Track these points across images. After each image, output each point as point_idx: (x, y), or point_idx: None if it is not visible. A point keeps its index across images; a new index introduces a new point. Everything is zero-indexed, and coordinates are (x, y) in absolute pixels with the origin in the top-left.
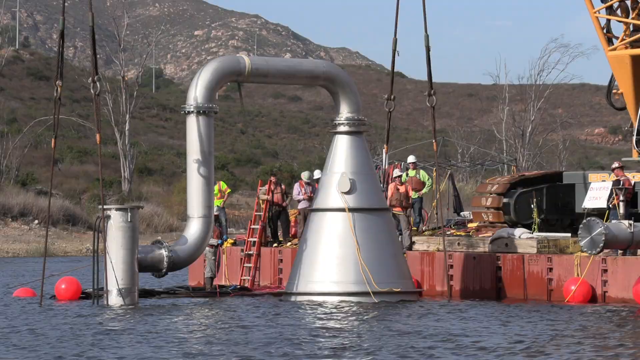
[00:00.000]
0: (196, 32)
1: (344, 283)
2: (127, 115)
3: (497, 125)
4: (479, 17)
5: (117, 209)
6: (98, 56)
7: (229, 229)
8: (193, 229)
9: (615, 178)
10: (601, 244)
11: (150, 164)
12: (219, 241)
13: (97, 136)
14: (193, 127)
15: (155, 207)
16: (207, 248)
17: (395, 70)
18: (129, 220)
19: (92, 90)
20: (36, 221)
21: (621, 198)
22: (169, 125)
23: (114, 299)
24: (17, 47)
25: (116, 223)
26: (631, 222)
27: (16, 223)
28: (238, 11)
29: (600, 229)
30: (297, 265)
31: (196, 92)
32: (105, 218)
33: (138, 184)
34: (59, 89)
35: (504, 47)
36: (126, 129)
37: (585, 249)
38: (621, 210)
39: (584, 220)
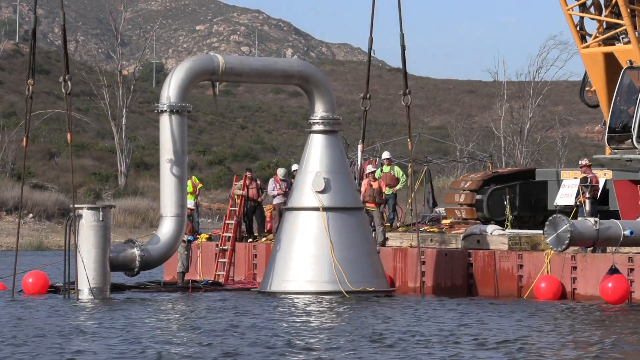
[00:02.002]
0: (198, 27)
1: (318, 282)
2: (124, 110)
3: (495, 122)
4: (484, 13)
5: (88, 208)
6: (99, 50)
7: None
8: (166, 228)
9: (583, 175)
10: (566, 241)
11: (147, 159)
12: (190, 237)
13: (68, 135)
14: (166, 126)
15: (151, 202)
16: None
17: (396, 66)
18: (101, 219)
19: (62, 89)
20: (31, 215)
21: (587, 195)
22: None
23: (85, 298)
24: (17, 40)
25: (88, 222)
26: (597, 219)
27: (11, 217)
28: (240, 6)
29: (565, 226)
30: (271, 264)
31: (169, 92)
32: (77, 217)
33: (134, 178)
34: (30, 87)
35: (503, 43)
36: (123, 123)
37: (551, 246)
38: (587, 207)
39: (550, 218)
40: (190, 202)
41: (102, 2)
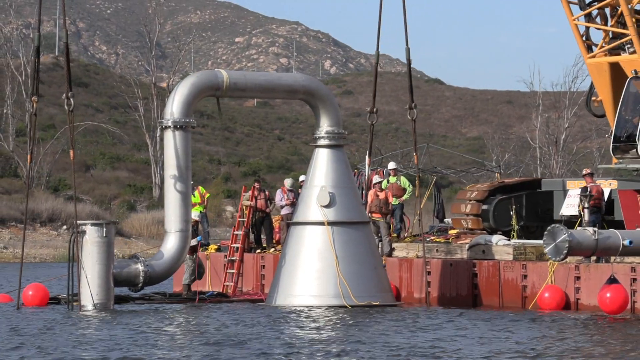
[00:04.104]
0: (237, 39)
1: (324, 296)
2: (158, 122)
3: (532, 132)
4: (522, 24)
5: (92, 224)
6: (139, 63)
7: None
8: (170, 244)
9: (585, 185)
10: (565, 251)
11: None
12: (199, 237)
13: (71, 152)
14: (170, 142)
15: None
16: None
17: (434, 77)
18: (104, 235)
19: (65, 107)
20: (65, 227)
21: (585, 205)
22: (206, 132)
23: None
24: (56, 54)
25: (91, 238)
26: (595, 229)
27: (45, 228)
28: (279, 18)
29: (564, 235)
30: (277, 278)
31: (173, 108)
32: (81, 233)
33: None
34: (34, 104)
35: (539, 54)
36: (157, 135)
37: (549, 256)
38: (586, 217)
39: (549, 227)
40: (194, 214)
41: (142, 15)
